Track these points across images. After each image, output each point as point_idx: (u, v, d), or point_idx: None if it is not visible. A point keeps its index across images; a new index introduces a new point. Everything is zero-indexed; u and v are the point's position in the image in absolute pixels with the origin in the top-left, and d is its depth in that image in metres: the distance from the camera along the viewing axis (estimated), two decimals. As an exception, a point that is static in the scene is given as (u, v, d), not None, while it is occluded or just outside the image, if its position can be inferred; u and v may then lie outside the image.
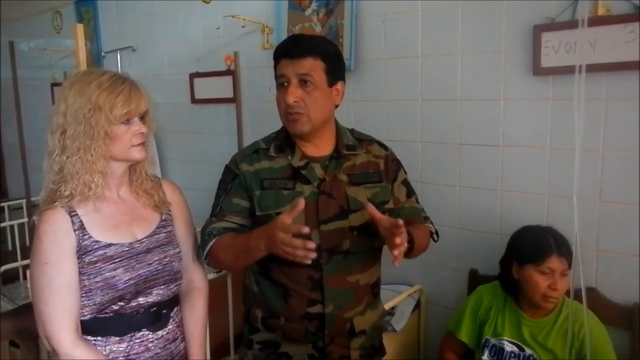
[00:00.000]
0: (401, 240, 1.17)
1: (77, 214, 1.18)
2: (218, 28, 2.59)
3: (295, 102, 1.32)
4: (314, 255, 1.14)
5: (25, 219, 3.22)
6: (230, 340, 1.90)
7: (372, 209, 1.23)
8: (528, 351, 1.62)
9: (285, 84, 1.34)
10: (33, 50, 4.21)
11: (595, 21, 1.66)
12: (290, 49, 1.34)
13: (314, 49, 1.34)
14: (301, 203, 1.18)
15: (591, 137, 1.73)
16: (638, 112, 1.66)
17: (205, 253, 1.37)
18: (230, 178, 1.42)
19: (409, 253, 1.29)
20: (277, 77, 1.37)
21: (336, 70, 1.38)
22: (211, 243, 1.34)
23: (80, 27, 1.97)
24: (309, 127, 1.35)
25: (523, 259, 1.61)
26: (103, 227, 1.21)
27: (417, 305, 2.20)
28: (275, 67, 1.38)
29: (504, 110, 1.92)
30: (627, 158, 1.69)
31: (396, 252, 1.17)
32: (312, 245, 1.13)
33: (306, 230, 1.16)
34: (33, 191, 3.11)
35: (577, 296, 1.40)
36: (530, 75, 1.83)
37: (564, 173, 1.82)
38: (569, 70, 1.71)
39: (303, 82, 1.32)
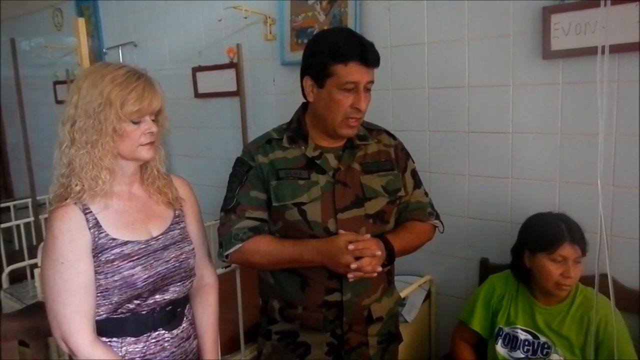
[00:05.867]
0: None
1: (91, 212, 1.15)
2: (220, 20, 2.56)
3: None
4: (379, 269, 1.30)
5: (32, 218, 3.21)
6: (240, 336, 1.89)
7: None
8: (542, 339, 1.60)
9: (352, 88, 1.31)
10: (34, 48, 4.20)
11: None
12: (367, 57, 1.30)
13: (379, 59, 1.35)
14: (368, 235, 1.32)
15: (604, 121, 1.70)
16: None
17: (227, 253, 1.37)
18: (245, 170, 1.41)
19: (388, 264, 1.40)
20: (342, 80, 1.30)
21: None
22: (238, 246, 1.35)
23: (81, 22, 1.94)
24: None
25: (535, 247, 1.58)
26: (118, 224, 1.19)
27: (428, 296, 2.18)
28: (332, 65, 1.30)
29: (513, 96, 1.89)
30: (640, 142, 1.66)
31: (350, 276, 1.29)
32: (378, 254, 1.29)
33: (378, 253, 1.29)
34: (38, 190, 3.11)
35: (592, 282, 1.38)
36: (540, 59, 1.79)
37: (575, 159, 1.79)
38: (580, 52, 1.68)
39: (366, 89, 1.34)
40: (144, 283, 1.17)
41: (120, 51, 3.36)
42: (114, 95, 1.12)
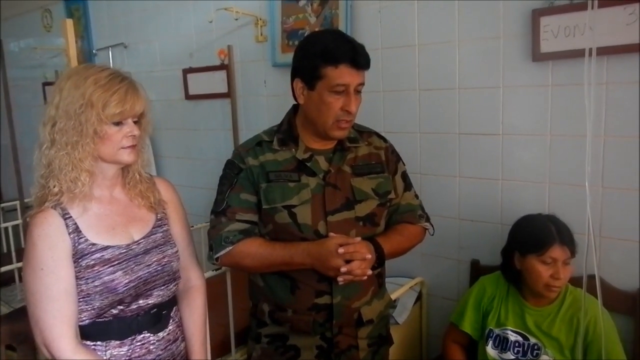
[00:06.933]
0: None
1: (70, 216, 1.14)
2: (210, 21, 2.55)
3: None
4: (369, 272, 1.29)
5: (20, 221, 3.17)
6: (231, 338, 1.88)
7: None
8: (532, 340, 1.60)
9: (342, 91, 1.31)
10: (23, 49, 4.15)
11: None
12: (358, 60, 1.31)
13: (370, 62, 1.35)
14: (358, 238, 1.32)
15: (593, 123, 1.71)
16: (639, 97, 1.63)
17: (217, 256, 1.36)
18: (235, 172, 1.40)
19: (378, 267, 1.41)
20: (333, 82, 1.30)
21: None
22: (229, 249, 1.34)
23: (70, 23, 1.92)
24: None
25: (525, 248, 1.59)
26: (98, 229, 1.17)
27: (419, 298, 2.18)
28: (323, 67, 1.30)
29: (503, 98, 1.90)
30: (629, 143, 1.67)
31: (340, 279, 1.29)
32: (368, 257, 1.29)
33: (368, 257, 1.29)
34: (26, 192, 3.07)
35: (581, 283, 1.38)
36: (530, 61, 1.80)
37: (565, 160, 1.80)
38: (569, 55, 1.69)
39: (357, 91, 1.34)
40: (125, 288, 1.16)
41: (110, 53, 3.33)
42: (96, 97, 1.11)
